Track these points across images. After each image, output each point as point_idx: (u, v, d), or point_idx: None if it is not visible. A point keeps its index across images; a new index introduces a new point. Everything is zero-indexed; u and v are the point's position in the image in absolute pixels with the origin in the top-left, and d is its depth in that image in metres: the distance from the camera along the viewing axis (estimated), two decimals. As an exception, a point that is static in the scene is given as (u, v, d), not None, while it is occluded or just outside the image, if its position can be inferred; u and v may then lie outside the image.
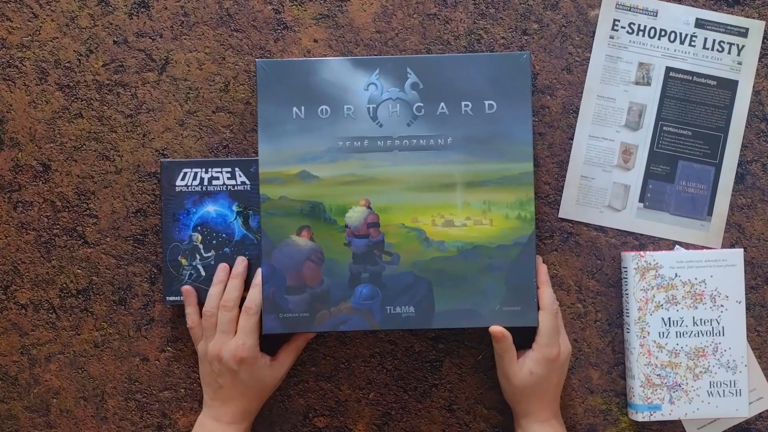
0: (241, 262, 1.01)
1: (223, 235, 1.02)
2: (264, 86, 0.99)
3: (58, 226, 1.06)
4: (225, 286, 1.00)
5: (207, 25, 1.06)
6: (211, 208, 1.02)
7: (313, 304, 0.98)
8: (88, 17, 1.06)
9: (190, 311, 1.01)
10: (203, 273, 1.02)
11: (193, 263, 1.02)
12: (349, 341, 1.06)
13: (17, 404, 1.06)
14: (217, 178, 1.03)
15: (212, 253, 1.02)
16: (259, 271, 0.99)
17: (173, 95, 1.06)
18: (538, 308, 0.98)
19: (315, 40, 1.06)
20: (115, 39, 1.06)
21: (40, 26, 1.06)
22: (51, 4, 1.06)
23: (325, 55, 1.06)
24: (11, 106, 1.06)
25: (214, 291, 1.00)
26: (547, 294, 0.98)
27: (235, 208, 1.02)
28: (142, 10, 1.06)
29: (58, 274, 1.06)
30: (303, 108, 0.99)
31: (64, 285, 1.06)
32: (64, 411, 1.06)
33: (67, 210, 1.06)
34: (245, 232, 1.02)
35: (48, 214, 1.06)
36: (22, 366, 1.06)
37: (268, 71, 0.99)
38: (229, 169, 1.03)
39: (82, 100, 1.06)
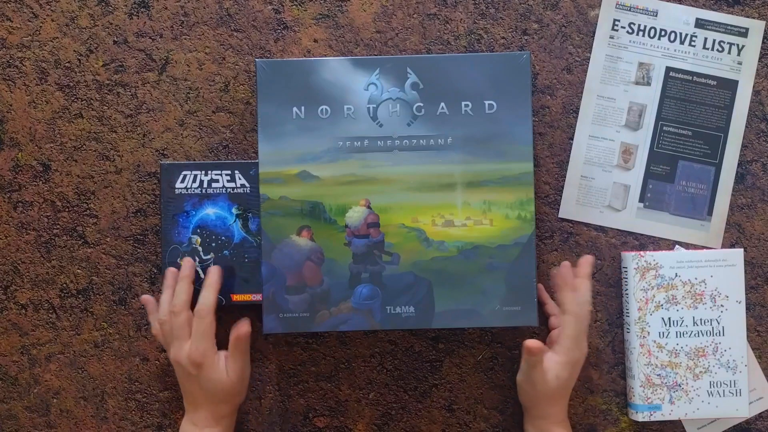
0: (186, 263, 0.99)
1: (222, 238, 1.02)
2: (264, 86, 0.99)
3: (58, 226, 1.06)
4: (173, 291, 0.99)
5: (207, 25, 1.06)
6: (210, 211, 1.02)
7: (313, 304, 0.98)
8: (88, 17, 1.06)
9: (152, 319, 1.00)
10: (202, 275, 1.02)
11: None
12: (349, 341, 1.06)
13: (17, 404, 1.06)
14: (217, 181, 1.02)
15: (211, 255, 1.02)
16: (212, 270, 0.98)
17: (173, 95, 1.06)
18: (539, 310, 0.98)
19: (315, 40, 1.06)
20: (115, 39, 1.06)
21: (40, 26, 1.06)
22: (51, 4, 1.06)
23: (325, 55, 1.06)
24: (11, 106, 1.06)
25: (164, 297, 0.98)
26: (569, 298, 0.98)
27: (234, 210, 1.02)
28: (142, 10, 1.06)
29: (58, 274, 1.06)
30: (303, 108, 0.99)
31: (64, 285, 1.06)
32: (64, 411, 1.06)
33: (67, 210, 1.06)
34: (244, 234, 1.02)
35: (48, 214, 1.06)
36: (22, 366, 1.06)
37: (268, 71, 0.99)
38: (229, 172, 1.02)
39: (82, 100, 1.06)
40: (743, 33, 1.06)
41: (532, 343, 0.95)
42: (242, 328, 0.98)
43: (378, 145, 0.99)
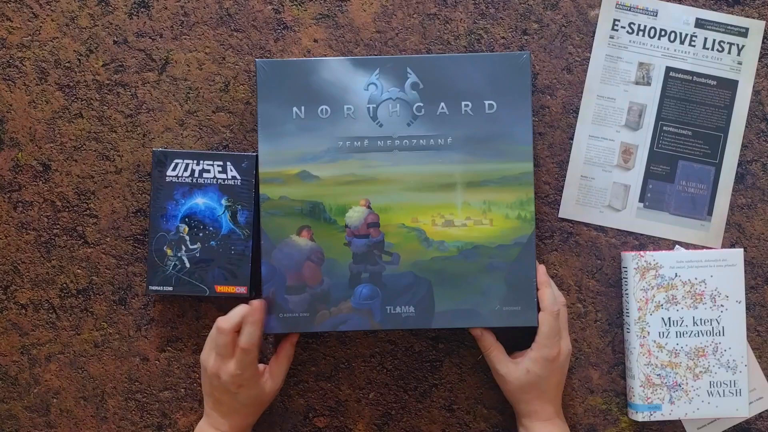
0: (256, 304, 0.97)
1: (210, 229, 1.02)
2: (264, 86, 0.99)
3: (58, 226, 1.06)
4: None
5: (207, 25, 1.06)
6: (200, 201, 1.02)
7: (313, 304, 0.98)
8: (88, 17, 1.06)
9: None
10: (188, 264, 1.02)
11: (178, 254, 1.02)
12: (349, 341, 1.06)
13: (17, 404, 1.06)
14: (208, 171, 1.03)
15: (198, 245, 1.02)
16: (257, 307, 0.95)
17: (173, 95, 1.06)
18: (539, 309, 0.98)
19: (315, 40, 1.06)
20: (115, 39, 1.06)
21: (40, 26, 1.06)
22: (51, 4, 1.06)
23: (325, 55, 1.06)
24: (11, 106, 1.06)
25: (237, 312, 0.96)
26: (547, 295, 0.98)
27: (224, 202, 1.02)
28: (142, 10, 1.06)
29: (58, 274, 1.06)
30: (303, 108, 0.99)
31: (64, 285, 1.06)
32: (64, 411, 1.06)
33: (67, 210, 1.06)
34: (232, 226, 1.02)
35: (48, 214, 1.06)
36: (22, 366, 1.06)
37: (268, 71, 0.99)
38: (221, 163, 1.02)
39: (82, 100, 1.06)
40: (743, 33, 1.06)
41: (475, 329, 0.99)
42: (293, 337, 1.01)
43: (378, 145, 0.99)
